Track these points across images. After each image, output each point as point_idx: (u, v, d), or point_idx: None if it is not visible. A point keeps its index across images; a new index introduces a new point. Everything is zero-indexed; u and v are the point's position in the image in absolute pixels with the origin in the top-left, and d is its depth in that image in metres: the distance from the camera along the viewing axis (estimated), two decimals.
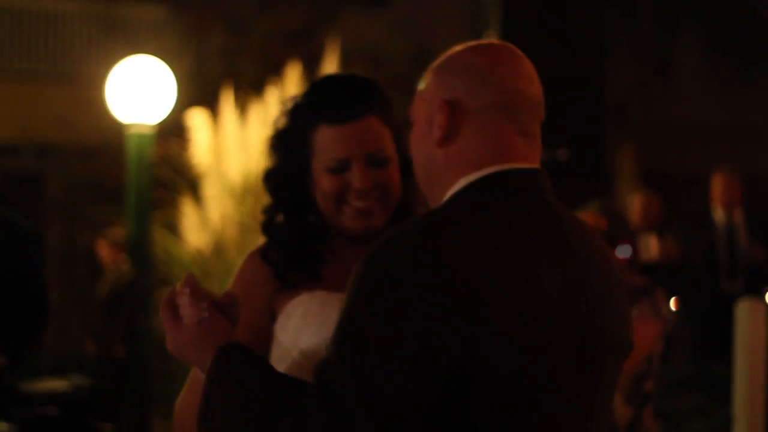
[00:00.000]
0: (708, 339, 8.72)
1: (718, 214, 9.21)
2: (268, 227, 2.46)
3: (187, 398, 2.30)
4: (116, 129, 11.16)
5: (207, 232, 9.85)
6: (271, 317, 2.38)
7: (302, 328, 2.32)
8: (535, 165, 2.06)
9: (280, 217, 2.47)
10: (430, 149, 2.06)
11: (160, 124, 10.44)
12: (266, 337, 2.37)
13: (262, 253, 2.43)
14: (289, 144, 2.41)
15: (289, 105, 2.44)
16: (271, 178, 2.46)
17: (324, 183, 2.35)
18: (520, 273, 1.93)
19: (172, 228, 10.17)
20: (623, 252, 4.57)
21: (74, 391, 6.08)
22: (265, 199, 2.51)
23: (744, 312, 4.72)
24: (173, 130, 10.49)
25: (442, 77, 2.08)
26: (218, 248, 9.92)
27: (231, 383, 1.99)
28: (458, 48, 2.11)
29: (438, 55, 2.15)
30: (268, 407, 1.91)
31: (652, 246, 7.80)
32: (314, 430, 1.86)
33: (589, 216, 4.58)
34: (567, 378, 1.96)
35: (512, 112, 2.04)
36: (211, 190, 9.87)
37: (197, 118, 9.95)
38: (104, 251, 9.99)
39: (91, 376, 8.43)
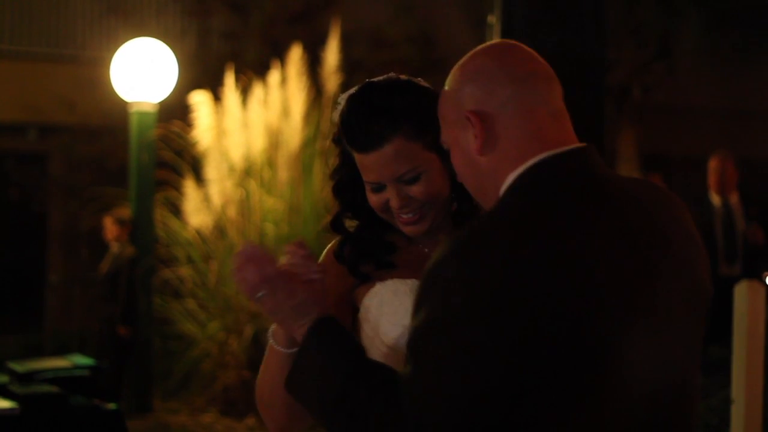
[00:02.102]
0: (707, 322, 8.74)
1: (714, 198, 9.24)
2: (336, 224, 2.52)
3: (265, 373, 2.35)
4: (119, 110, 11.20)
5: (208, 213, 9.88)
6: (354, 311, 2.46)
7: (379, 318, 2.40)
8: (574, 144, 2.06)
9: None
10: (473, 161, 2.07)
11: (163, 106, 10.48)
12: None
13: (336, 251, 2.50)
14: (344, 153, 2.46)
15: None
16: (332, 177, 2.52)
17: (370, 198, 2.42)
18: (579, 264, 1.91)
19: (174, 208, 10.20)
20: None
21: (76, 370, 6.10)
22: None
23: (743, 294, 4.72)
24: (176, 112, 10.51)
25: (458, 93, 2.09)
26: (219, 229, 9.95)
27: (322, 361, 2.04)
28: (457, 64, 2.13)
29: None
30: (347, 406, 1.96)
31: None
32: None
33: None
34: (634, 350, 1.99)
35: (533, 94, 2.05)
36: (212, 171, 9.90)
37: (199, 100, 9.97)
38: (108, 228, 9.99)
39: (92, 354, 8.46)
